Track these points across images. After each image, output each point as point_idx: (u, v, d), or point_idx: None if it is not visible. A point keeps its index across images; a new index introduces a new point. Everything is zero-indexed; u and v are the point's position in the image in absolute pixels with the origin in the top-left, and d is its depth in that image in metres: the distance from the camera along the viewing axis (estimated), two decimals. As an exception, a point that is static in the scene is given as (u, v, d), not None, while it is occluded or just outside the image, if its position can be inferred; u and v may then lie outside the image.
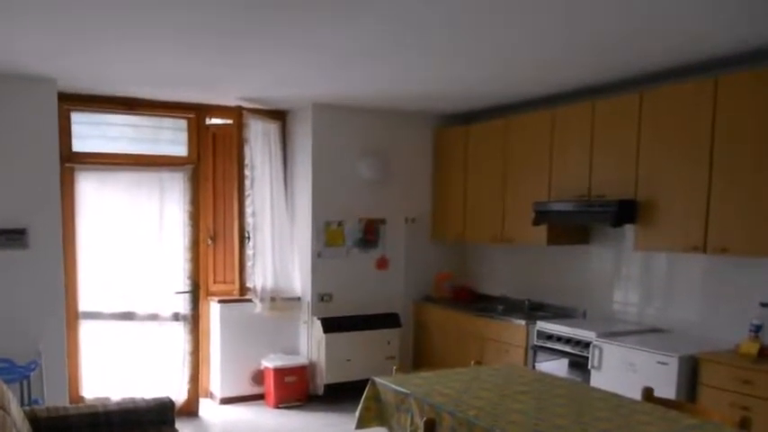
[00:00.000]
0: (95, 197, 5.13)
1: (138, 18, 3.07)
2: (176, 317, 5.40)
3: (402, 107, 5.44)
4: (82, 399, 5.09)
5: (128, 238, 5.22)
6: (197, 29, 3.22)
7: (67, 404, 4.41)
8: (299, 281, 5.62)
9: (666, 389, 3.45)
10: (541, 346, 4.46)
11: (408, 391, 2.87)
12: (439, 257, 5.90)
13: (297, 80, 4.43)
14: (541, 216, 4.53)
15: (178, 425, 3.46)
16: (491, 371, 3.32)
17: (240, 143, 5.17)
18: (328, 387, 5.34)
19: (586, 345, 4.08)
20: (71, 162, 4.97)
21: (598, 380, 3.92)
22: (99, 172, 5.13)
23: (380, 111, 5.51)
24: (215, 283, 5.60)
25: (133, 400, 3.44)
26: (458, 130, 5.60)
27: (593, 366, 4.01)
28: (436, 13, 2.96)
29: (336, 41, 3.42)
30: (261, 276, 5.44)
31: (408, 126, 5.72)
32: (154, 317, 5.33)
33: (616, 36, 3.30)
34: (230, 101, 5.16)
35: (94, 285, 5.16)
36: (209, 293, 5.56)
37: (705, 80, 3.65)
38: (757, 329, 3.50)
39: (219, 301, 5.45)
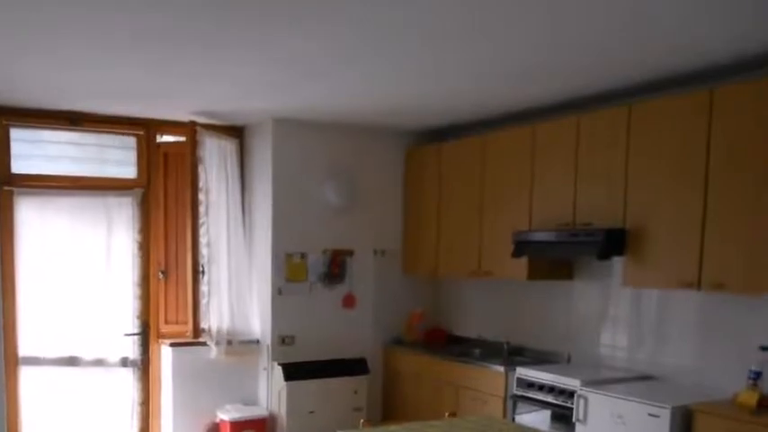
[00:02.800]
0: (37, 225, 5.05)
1: (81, 20, 3.02)
2: (125, 362, 5.31)
3: (371, 123, 5.40)
4: (23, 455, 4.96)
5: (72, 271, 5.13)
6: (147, 32, 3.18)
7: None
8: (257, 321, 5.50)
9: (657, 444, 3.36)
10: (522, 396, 4.35)
11: (377, 448, 2.81)
12: (411, 294, 5.80)
13: (255, 91, 4.39)
14: (521, 247, 4.45)
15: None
16: (467, 423, 3.29)
17: (194, 163, 5.09)
18: (289, 443, 5.18)
19: (571, 394, 3.98)
20: (10, 185, 4.92)
21: (583, 434, 3.81)
22: (41, 196, 5.05)
23: (347, 127, 5.45)
24: (166, 323, 5.48)
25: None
26: (431, 150, 5.55)
27: (577, 419, 3.90)
28: (407, 19, 2.93)
29: (298, 47, 3.39)
30: (216, 316, 5.31)
31: (378, 144, 5.67)
32: (100, 362, 5.24)
33: (603, 42, 3.27)
34: (183, 115, 5.10)
35: (36, 326, 5.05)
36: (160, 335, 5.44)
37: (699, 92, 3.59)
38: (756, 377, 3.40)
39: (171, 345, 5.33)
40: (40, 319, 5.06)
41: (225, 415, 5.26)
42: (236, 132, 5.58)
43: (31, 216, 5.03)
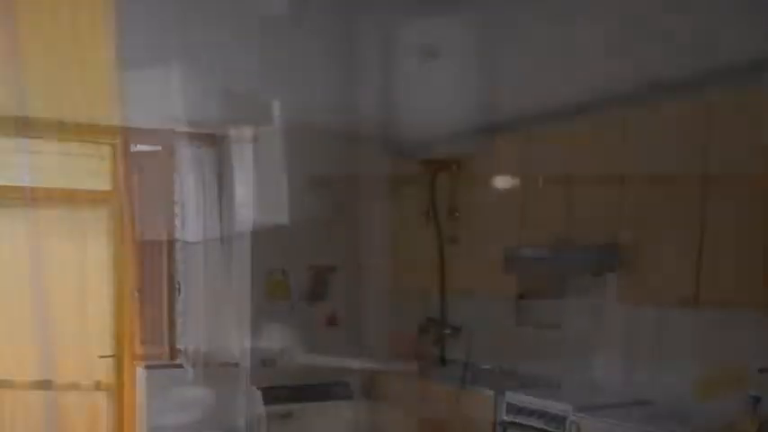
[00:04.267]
0: (4, 240, 5.00)
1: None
2: (98, 386, 5.23)
3: (356, 131, 5.37)
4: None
5: (42, 290, 5.00)
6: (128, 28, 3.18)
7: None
8: (236, 342, 5.43)
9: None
10: (511, 422, 4.29)
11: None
12: (397, 313, 5.73)
13: (237, 95, 4.43)
14: (511, 263, 4.42)
15: None
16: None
17: (170, 174, 5.07)
18: (270, 475, 5.12)
19: (562, 420, 3.92)
20: (-25, 197, 4.89)
21: (574, 464, 3.73)
22: (8, 209, 5.01)
23: (331, 135, 5.41)
24: (141, 344, 5.42)
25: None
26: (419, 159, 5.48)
27: (569, 447, 3.84)
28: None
29: (284, 50, 3.37)
30: (193, 336, 5.27)
31: (364, 151, 5.61)
32: (72, 386, 5.15)
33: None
34: (159, 122, 5.07)
35: (4, 348, 4.99)
36: (135, 357, 5.36)
37: (696, 99, 3.57)
38: (756, 401, 3.31)
39: (147, 367, 5.27)
40: (8, 340, 4.99)
41: (202, 444, 5.18)
42: (215, 141, 5.51)
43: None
